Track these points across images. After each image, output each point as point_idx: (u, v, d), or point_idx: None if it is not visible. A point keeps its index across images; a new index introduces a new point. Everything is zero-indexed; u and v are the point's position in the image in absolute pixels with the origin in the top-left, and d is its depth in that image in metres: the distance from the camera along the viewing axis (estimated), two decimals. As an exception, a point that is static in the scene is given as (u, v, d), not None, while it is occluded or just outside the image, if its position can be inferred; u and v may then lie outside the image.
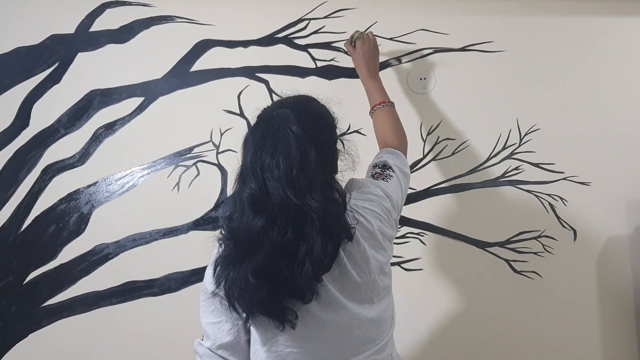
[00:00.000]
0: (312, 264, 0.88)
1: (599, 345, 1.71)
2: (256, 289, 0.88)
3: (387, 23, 1.71)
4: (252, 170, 0.92)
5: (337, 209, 0.95)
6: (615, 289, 1.72)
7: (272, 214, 0.89)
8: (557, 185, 1.71)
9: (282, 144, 0.92)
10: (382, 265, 1.04)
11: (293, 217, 0.88)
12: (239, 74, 1.70)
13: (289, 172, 0.89)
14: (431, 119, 1.71)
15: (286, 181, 0.89)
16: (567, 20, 1.73)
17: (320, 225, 0.89)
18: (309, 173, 0.91)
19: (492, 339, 1.71)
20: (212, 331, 1.03)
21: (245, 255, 0.90)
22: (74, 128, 1.69)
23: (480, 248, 1.70)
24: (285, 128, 0.93)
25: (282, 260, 0.88)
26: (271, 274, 0.88)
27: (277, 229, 0.88)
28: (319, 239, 0.89)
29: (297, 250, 0.89)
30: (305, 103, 1.05)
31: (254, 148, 0.94)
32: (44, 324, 1.67)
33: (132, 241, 1.68)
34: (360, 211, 1.03)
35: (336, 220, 0.93)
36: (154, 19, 1.70)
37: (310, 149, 0.92)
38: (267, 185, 0.90)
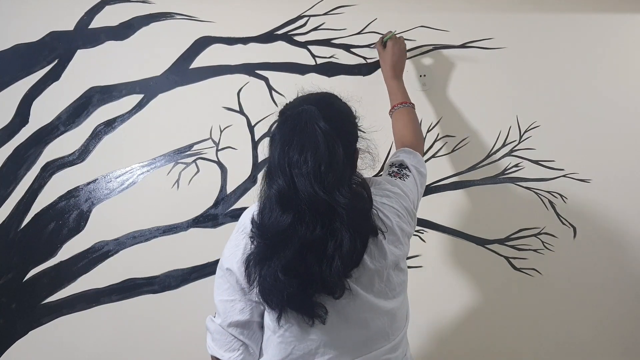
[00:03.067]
0: (341, 259, 0.89)
1: (598, 342, 1.72)
2: (285, 285, 0.90)
3: (386, 20, 1.70)
4: (280, 167, 0.92)
5: (364, 205, 0.96)
6: (615, 286, 1.72)
7: (301, 210, 0.89)
8: (557, 182, 1.71)
9: (310, 140, 0.92)
10: (398, 259, 1.05)
11: (321, 213, 0.89)
12: (238, 71, 1.70)
13: (317, 169, 0.90)
14: (431, 116, 1.71)
15: (314, 177, 0.89)
16: (567, 17, 1.73)
17: (349, 221, 0.90)
18: (337, 169, 0.91)
19: (492, 336, 1.71)
20: (224, 308, 1.03)
21: (275, 252, 0.91)
22: (74, 125, 1.69)
23: (479, 245, 1.71)
24: (313, 124, 0.93)
25: (311, 256, 0.89)
26: (300, 270, 0.89)
27: (305, 225, 0.89)
28: (348, 234, 0.89)
29: (326, 246, 0.89)
30: (328, 100, 1.06)
31: (282, 144, 0.94)
32: (44, 321, 1.67)
33: (132, 238, 1.68)
34: (379, 207, 1.04)
35: (364, 216, 0.94)
36: (153, 16, 1.70)
37: (338, 145, 0.93)
38: (295, 182, 0.90)
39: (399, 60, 1.56)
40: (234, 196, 1.69)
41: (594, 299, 1.72)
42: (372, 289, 1.00)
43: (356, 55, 1.71)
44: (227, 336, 1.03)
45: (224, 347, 1.04)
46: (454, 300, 1.71)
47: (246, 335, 1.04)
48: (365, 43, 1.71)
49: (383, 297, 1.03)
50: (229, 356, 1.03)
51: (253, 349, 1.05)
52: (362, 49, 1.71)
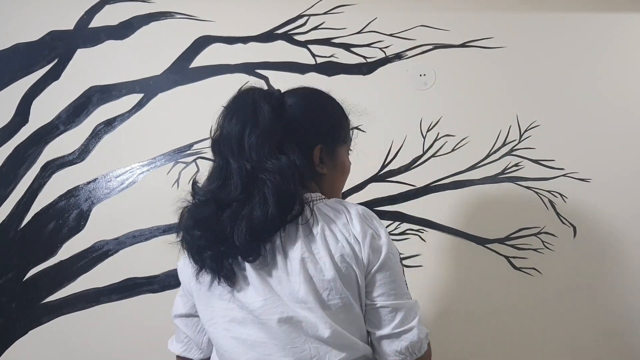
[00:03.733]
0: (248, 224, 0.88)
1: (598, 341, 1.72)
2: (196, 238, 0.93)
3: (386, 19, 1.70)
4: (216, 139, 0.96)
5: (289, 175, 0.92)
6: (615, 286, 1.72)
7: (228, 175, 0.92)
8: (557, 182, 1.70)
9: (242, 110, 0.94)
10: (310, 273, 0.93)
11: (245, 177, 0.90)
12: (238, 71, 1.70)
13: (240, 131, 0.92)
14: (431, 115, 1.71)
15: (236, 140, 0.92)
16: (567, 17, 1.73)
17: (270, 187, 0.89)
18: (261, 130, 0.91)
19: (492, 336, 1.71)
20: (176, 302, 1.11)
21: (197, 209, 0.94)
22: (74, 124, 1.69)
23: (479, 244, 1.70)
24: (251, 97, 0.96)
25: (225, 215, 0.90)
26: (211, 226, 0.91)
27: (228, 188, 0.91)
28: (263, 201, 0.89)
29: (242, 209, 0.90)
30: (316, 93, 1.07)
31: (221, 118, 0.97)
32: (44, 321, 1.67)
33: (132, 238, 1.68)
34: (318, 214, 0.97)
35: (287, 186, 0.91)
36: (153, 15, 1.70)
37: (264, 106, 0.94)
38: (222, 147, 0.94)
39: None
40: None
41: (594, 298, 1.71)
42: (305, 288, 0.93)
43: (356, 55, 1.71)
44: (176, 328, 1.11)
45: (176, 338, 1.12)
46: (453, 299, 1.71)
47: (190, 327, 1.09)
48: (365, 42, 1.71)
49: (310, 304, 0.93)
50: (176, 347, 1.11)
51: (199, 342, 1.09)
52: (362, 48, 1.71)
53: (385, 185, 1.70)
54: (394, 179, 1.70)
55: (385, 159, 1.70)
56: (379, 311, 1.00)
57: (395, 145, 1.70)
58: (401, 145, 1.70)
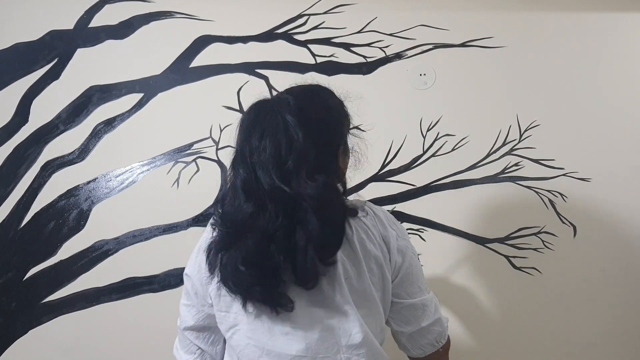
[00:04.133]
0: (315, 248, 0.85)
1: (599, 340, 1.72)
2: (246, 276, 0.87)
3: (386, 18, 1.70)
4: (242, 156, 0.90)
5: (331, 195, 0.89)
6: (615, 285, 1.72)
7: (262, 200, 0.86)
8: (557, 181, 1.70)
9: (270, 127, 0.88)
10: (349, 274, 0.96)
11: (283, 202, 0.85)
12: (238, 70, 1.70)
13: (276, 155, 0.86)
14: (431, 115, 1.71)
15: (273, 165, 0.86)
16: (566, 16, 1.73)
17: (314, 211, 0.85)
18: (297, 156, 0.86)
19: (492, 335, 1.71)
20: (182, 312, 1.05)
21: (235, 241, 0.88)
22: (74, 124, 1.69)
23: (479, 244, 1.70)
24: (277, 113, 0.90)
25: (273, 246, 0.85)
26: (261, 261, 0.86)
27: (267, 215, 0.85)
28: (317, 225, 0.84)
29: (291, 236, 0.85)
30: (314, 92, 1.02)
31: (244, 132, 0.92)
32: (44, 320, 1.67)
33: (132, 237, 1.68)
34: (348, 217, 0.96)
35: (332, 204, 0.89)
36: (153, 15, 1.70)
37: (298, 132, 0.87)
38: (255, 170, 0.87)
39: None
40: (233, 195, 1.69)
41: (594, 297, 1.71)
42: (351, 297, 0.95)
43: (356, 54, 1.71)
44: (186, 339, 1.05)
45: (183, 349, 1.07)
46: (453, 299, 1.71)
47: (202, 340, 1.05)
48: (365, 42, 1.71)
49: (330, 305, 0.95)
50: (187, 358, 1.06)
51: (211, 354, 1.06)
52: (362, 47, 1.71)
53: (385, 185, 1.70)
54: (394, 178, 1.70)
55: (386, 159, 1.70)
56: (409, 308, 1.05)
57: (395, 145, 1.70)
58: (401, 144, 1.70)
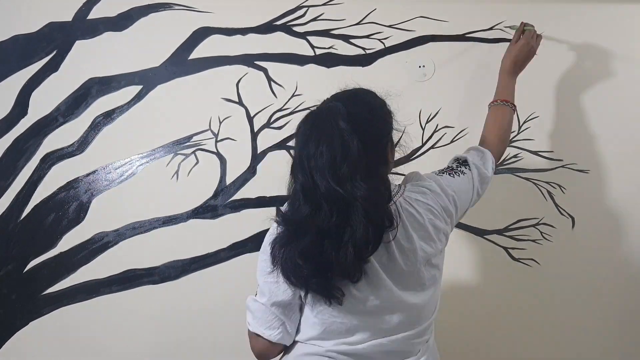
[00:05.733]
0: (354, 246, 0.97)
1: (596, 332, 1.72)
2: (303, 268, 0.99)
3: (385, 10, 1.70)
4: (300, 162, 1.01)
5: (379, 198, 1.00)
6: (613, 277, 1.72)
7: (318, 201, 0.97)
8: (556, 173, 1.71)
9: (326, 135, 0.99)
10: (429, 256, 1.10)
11: (337, 203, 0.96)
12: (237, 62, 1.70)
13: (331, 161, 0.97)
14: (430, 107, 1.71)
15: (329, 169, 0.97)
16: (566, 7, 1.72)
17: (363, 211, 0.96)
18: (351, 162, 0.97)
19: (490, 327, 1.72)
20: (268, 288, 1.09)
21: (295, 238, 1.00)
22: (73, 116, 1.69)
23: (478, 235, 1.71)
24: (331, 121, 1.00)
25: (326, 242, 0.98)
26: (316, 255, 0.98)
27: (322, 214, 0.97)
28: (362, 224, 0.96)
29: (342, 234, 0.97)
30: (360, 96, 1.12)
31: (302, 139, 1.02)
32: (45, 312, 1.68)
33: (132, 229, 1.69)
34: (413, 203, 1.09)
35: (378, 208, 0.99)
36: (151, 6, 1.69)
37: (353, 139, 0.98)
38: (313, 176, 0.98)
39: (524, 57, 1.53)
40: (233, 187, 1.69)
41: (593, 289, 1.72)
42: (402, 283, 1.08)
43: (355, 46, 1.71)
44: (269, 314, 1.09)
45: (264, 325, 1.10)
46: (452, 290, 1.71)
47: (287, 314, 1.10)
48: (365, 34, 1.70)
49: (412, 290, 1.10)
50: (270, 333, 1.09)
51: (291, 328, 1.12)
52: (361, 39, 1.71)
53: (384, 177, 1.70)
54: (393, 170, 1.69)
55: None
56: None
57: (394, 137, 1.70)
58: (400, 136, 1.70)
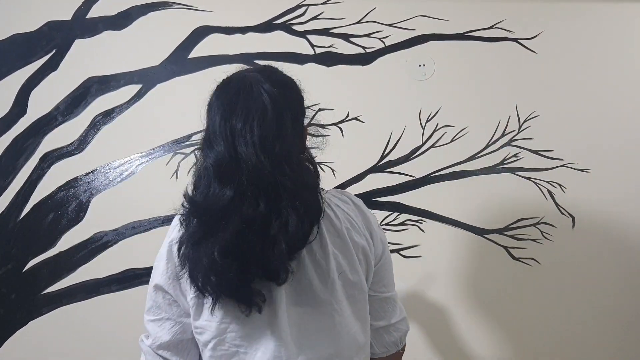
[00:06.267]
0: (286, 241, 0.79)
1: (597, 331, 1.72)
2: (224, 270, 0.79)
3: (385, 9, 1.69)
4: (221, 134, 0.82)
5: (313, 182, 0.86)
6: (614, 276, 1.72)
7: (242, 184, 0.78)
8: (556, 172, 1.70)
9: (256, 106, 0.82)
10: (342, 268, 0.90)
11: (266, 187, 0.78)
12: (237, 61, 1.70)
13: (264, 138, 0.80)
14: (430, 106, 1.71)
15: (261, 147, 0.79)
16: (566, 6, 1.72)
17: (297, 198, 0.80)
18: (286, 140, 0.82)
19: (491, 325, 1.72)
20: (153, 329, 0.94)
21: (212, 232, 0.79)
22: (72, 115, 1.68)
23: (478, 235, 1.71)
24: (259, 87, 0.84)
25: (253, 236, 0.78)
26: (241, 252, 0.78)
27: (248, 201, 0.78)
28: (295, 213, 0.79)
29: (269, 226, 0.78)
30: (274, 70, 0.95)
31: (223, 111, 0.84)
32: (44, 312, 1.67)
33: (131, 229, 1.68)
34: (332, 206, 0.93)
35: (313, 194, 0.84)
36: (151, 5, 1.69)
37: (287, 113, 0.83)
38: (237, 151, 0.80)
39: None
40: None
41: (593, 288, 1.72)
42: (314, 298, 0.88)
43: (355, 45, 1.70)
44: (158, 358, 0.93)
45: None
46: (452, 289, 1.71)
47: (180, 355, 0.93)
48: (365, 33, 1.70)
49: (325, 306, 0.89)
50: None
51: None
52: (361, 38, 1.70)
53: (384, 176, 1.70)
54: (393, 169, 1.70)
55: (385, 150, 1.70)
56: (384, 302, 1.00)
57: (394, 136, 1.70)
58: (400, 135, 1.70)
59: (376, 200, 1.70)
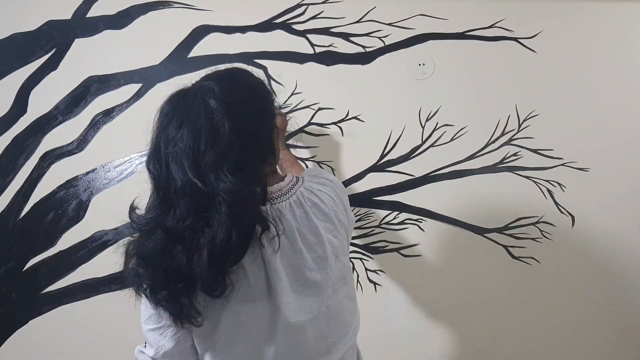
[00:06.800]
0: (210, 253, 0.77)
1: (596, 330, 1.72)
2: (144, 278, 0.81)
3: (385, 8, 1.69)
4: (155, 149, 0.83)
5: (249, 195, 0.82)
6: (613, 275, 1.72)
7: (172, 197, 0.79)
8: (556, 171, 1.71)
9: (190, 115, 0.82)
10: (336, 250, 0.95)
11: (195, 200, 0.78)
12: (236, 60, 1.70)
13: (194, 147, 0.79)
14: (430, 105, 1.71)
15: (187, 157, 0.79)
16: (566, 5, 1.72)
17: (227, 210, 0.78)
18: (219, 148, 0.80)
19: (490, 325, 1.72)
20: (154, 338, 0.92)
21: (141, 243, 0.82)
22: (72, 115, 1.68)
23: (478, 234, 1.71)
24: (199, 99, 0.84)
25: (178, 247, 0.79)
26: (160, 261, 0.79)
27: (174, 213, 0.79)
28: (224, 226, 0.77)
29: (198, 237, 0.78)
30: (235, 74, 0.96)
31: (161, 121, 0.85)
32: (44, 311, 1.68)
33: (131, 228, 1.68)
34: (316, 192, 0.96)
35: (247, 206, 0.81)
36: (151, 5, 1.69)
37: (224, 122, 0.81)
38: (168, 165, 0.80)
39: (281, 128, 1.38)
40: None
41: (592, 287, 1.72)
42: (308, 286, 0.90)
43: (355, 44, 1.70)
44: None
45: None
46: (452, 288, 1.71)
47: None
48: (364, 32, 1.70)
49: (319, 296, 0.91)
50: None
51: None
52: (361, 37, 1.70)
53: (384, 175, 1.71)
54: (393, 168, 1.70)
55: (384, 149, 1.70)
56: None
57: (394, 135, 1.70)
58: (400, 135, 1.70)
59: (376, 200, 1.70)
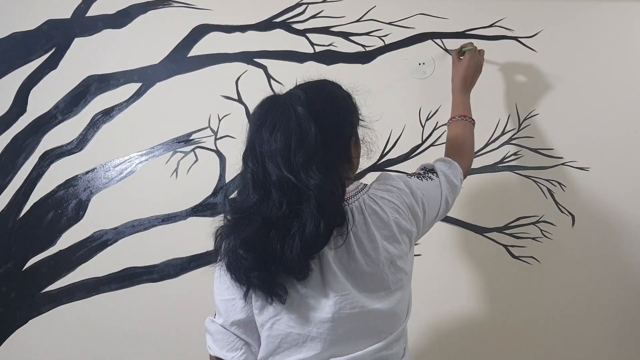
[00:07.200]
0: (301, 240, 0.89)
1: (597, 330, 1.72)
2: (243, 260, 0.91)
3: (385, 7, 1.69)
4: (252, 148, 0.95)
5: (334, 190, 0.94)
6: (613, 275, 1.72)
7: (268, 189, 0.91)
8: (556, 171, 1.70)
9: (281, 119, 0.94)
10: (392, 257, 1.01)
11: (288, 193, 0.90)
12: (236, 59, 1.70)
13: (285, 147, 0.91)
14: (430, 105, 1.71)
15: (281, 156, 0.91)
16: (566, 5, 1.72)
17: (316, 203, 0.90)
18: (307, 149, 0.92)
19: (490, 324, 1.72)
20: (225, 308, 1.02)
21: (239, 228, 0.93)
22: (72, 114, 1.68)
23: (478, 233, 1.71)
24: (289, 106, 0.95)
25: (273, 233, 0.90)
26: (259, 246, 0.91)
27: (271, 203, 0.91)
28: (313, 217, 0.89)
29: (290, 226, 0.90)
30: (323, 85, 1.07)
31: (255, 124, 0.97)
32: (44, 310, 1.68)
33: (131, 227, 1.68)
34: (378, 200, 1.03)
35: (331, 200, 0.93)
36: (150, 4, 1.69)
37: (310, 126, 0.93)
38: (264, 162, 0.92)
39: (472, 73, 1.53)
40: (232, 185, 1.69)
41: (593, 287, 1.72)
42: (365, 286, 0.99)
43: (355, 44, 1.70)
44: (230, 336, 1.02)
45: (226, 347, 1.02)
46: (452, 288, 1.71)
47: (249, 334, 1.02)
48: (364, 31, 1.70)
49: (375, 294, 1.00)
50: (232, 356, 1.02)
51: (255, 348, 1.04)
52: (361, 36, 1.70)
53: (384, 175, 1.70)
54: (393, 168, 1.70)
55: (384, 148, 1.70)
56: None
57: (394, 135, 1.70)
58: (400, 134, 1.70)
59: (376, 199, 1.70)
